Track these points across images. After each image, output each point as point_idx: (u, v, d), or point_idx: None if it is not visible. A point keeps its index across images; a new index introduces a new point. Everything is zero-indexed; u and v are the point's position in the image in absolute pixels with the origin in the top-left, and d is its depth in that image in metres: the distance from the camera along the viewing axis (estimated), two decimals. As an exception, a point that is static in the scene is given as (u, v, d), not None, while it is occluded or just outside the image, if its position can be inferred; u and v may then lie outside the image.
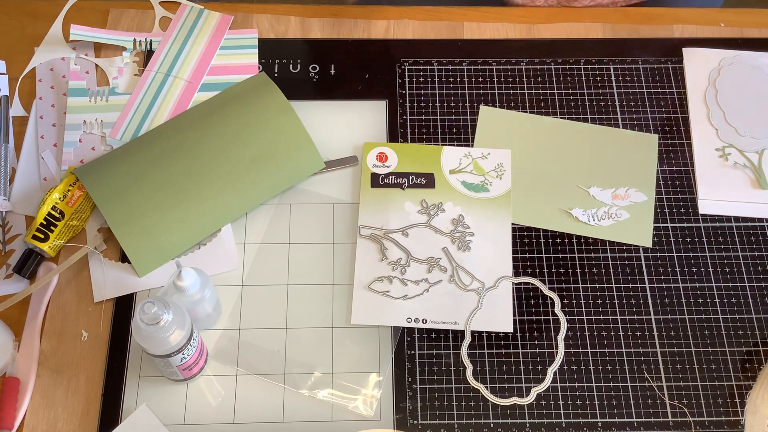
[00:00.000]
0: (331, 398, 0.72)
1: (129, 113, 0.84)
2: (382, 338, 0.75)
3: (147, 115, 0.84)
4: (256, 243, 0.79)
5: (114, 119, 0.84)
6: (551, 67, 0.89)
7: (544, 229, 0.80)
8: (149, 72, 0.86)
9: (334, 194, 0.81)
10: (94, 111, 0.85)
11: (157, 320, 0.63)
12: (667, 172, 0.83)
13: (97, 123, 0.84)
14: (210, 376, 0.73)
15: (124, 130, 0.83)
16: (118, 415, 0.71)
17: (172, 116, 0.84)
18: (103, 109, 0.85)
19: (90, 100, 0.85)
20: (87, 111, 0.85)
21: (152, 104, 0.85)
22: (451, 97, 0.87)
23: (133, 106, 0.85)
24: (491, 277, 0.77)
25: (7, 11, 0.92)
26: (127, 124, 0.84)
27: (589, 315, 0.76)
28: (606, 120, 0.86)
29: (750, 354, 0.75)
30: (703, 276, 0.78)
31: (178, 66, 0.87)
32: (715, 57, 0.89)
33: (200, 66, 0.87)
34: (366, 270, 0.77)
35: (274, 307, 0.76)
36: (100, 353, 0.74)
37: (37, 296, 0.76)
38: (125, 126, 0.83)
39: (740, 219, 0.81)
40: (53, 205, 0.77)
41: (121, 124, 0.84)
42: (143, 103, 0.85)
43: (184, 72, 0.87)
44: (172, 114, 0.84)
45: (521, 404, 0.72)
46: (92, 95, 0.85)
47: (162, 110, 0.84)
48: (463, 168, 0.82)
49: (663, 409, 0.72)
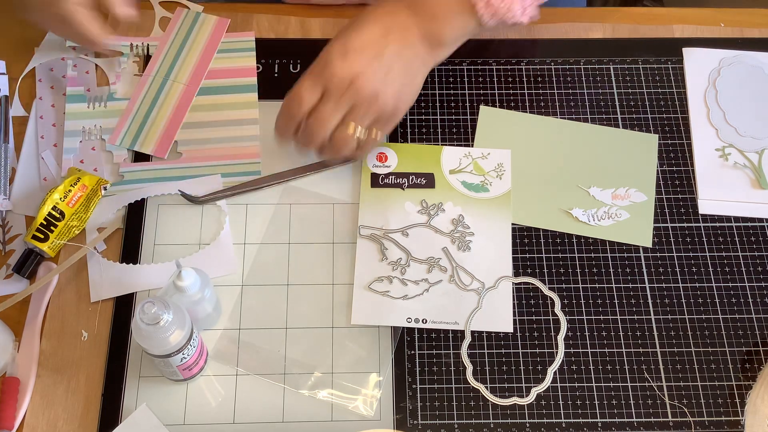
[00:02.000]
0: (331, 398, 0.72)
1: (128, 118, 0.84)
2: (382, 338, 0.75)
3: (146, 119, 0.84)
4: (256, 243, 0.79)
5: (113, 125, 0.84)
6: (551, 67, 0.89)
7: (544, 229, 0.80)
8: (147, 76, 0.86)
9: (334, 194, 0.81)
10: (92, 117, 0.85)
11: (157, 320, 0.63)
12: (667, 172, 0.83)
13: (96, 129, 0.84)
14: (210, 376, 0.73)
15: (124, 135, 0.83)
16: (118, 415, 0.71)
17: (170, 121, 0.84)
18: (101, 115, 0.85)
19: (89, 107, 0.85)
20: (86, 117, 0.85)
21: (151, 109, 0.85)
22: (451, 97, 0.87)
23: (132, 111, 0.85)
24: (491, 277, 0.77)
25: (7, 11, 0.92)
26: (127, 129, 0.84)
27: (589, 315, 0.76)
28: (606, 120, 0.86)
29: (750, 354, 0.75)
30: (703, 276, 0.78)
31: (176, 70, 0.87)
32: (715, 57, 0.89)
33: (198, 70, 0.87)
34: (366, 270, 0.77)
35: (274, 307, 0.76)
36: (100, 353, 0.74)
37: (37, 296, 0.76)
38: (124, 131, 0.83)
39: (740, 219, 0.81)
40: (54, 205, 0.77)
41: (120, 129, 0.84)
42: (142, 107, 0.85)
43: (183, 76, 0.86)
44: (170, 118, 0.84)
45: (521, 404, 0.72)
46: (90, 101, 0.85)
47: (161, 115, 0.84)
48: (463, 168, 0.82)
49: (663, 409, 0.72)
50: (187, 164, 0.82)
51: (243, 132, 0.84)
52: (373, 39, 0.73)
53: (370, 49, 0.73)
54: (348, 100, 0.73)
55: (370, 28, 0.74)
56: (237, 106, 0.86)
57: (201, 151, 0.83)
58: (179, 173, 0.82)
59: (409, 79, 0.76)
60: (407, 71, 0.75)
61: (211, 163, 0.82)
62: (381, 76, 0.73)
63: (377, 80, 0.73)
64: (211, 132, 0.84)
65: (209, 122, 0.85)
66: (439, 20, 0.75)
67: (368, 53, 0.73)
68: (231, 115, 0.85)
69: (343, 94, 0.72)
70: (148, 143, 0.83)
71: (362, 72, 0.72)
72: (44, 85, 0.87)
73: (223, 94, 0.86)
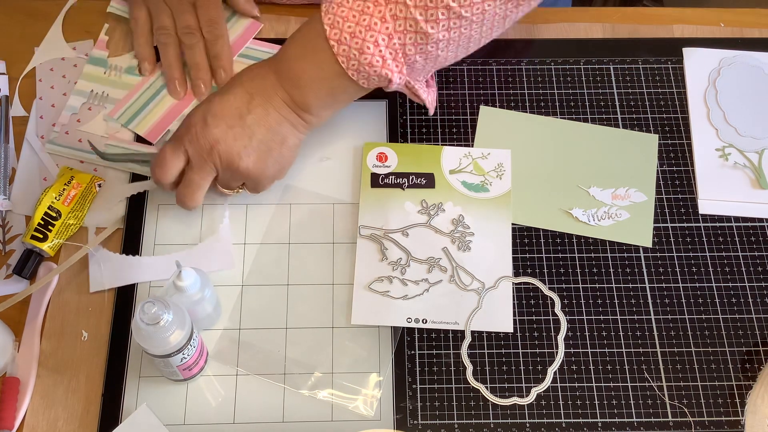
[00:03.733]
0: (331, 398, 0.72)
1: (133, 96, 0.85)
2: (382, 338, 0.75)
3: (149, 102, 0.85)
4: (256, 243, 0.79)
5: (120, 96, 0.85)
6: (551, 67, 0.89)
7: (544, 229, 0.80)
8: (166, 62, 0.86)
9: (334, 194, 0.81)
10: (105, 83, 0.86)
11: (157, 320, 0.63)
12: (667, 172, 0.83)
13: (103, 96, 0.85)
14: (210, 376, 0.73)
15: (123, 111, 0.84)
16: (118, 415, 0.71)
17: (170, 109, 0.84)
18: (113, 84, 0.86)
19: (105, 73, 0.87)
20: (99, 82, 0.86)
21: (157, 93, 0.85)
22: (451, 97, 0.87)
23: (139, 90, 0.85)
24: (491, 277, 0.77)
25: (7, 11, 0.92)
26: (128, 106, 0.84)
27: (589, 315, 0.76)
28: (606, 120, 0.86)
29: (750, 354, 0.75)
30: (703, 276, 0.78)
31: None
32: (715, 57, 0.89)
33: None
34: (366, 270, 0.77)
35: (274, 307, 0.76)
36: (100, 353, 0.74)
37: (37, 296, 0.76)
38: (125, 107, 0.84)
39: (740, 219, 0.81)
40: (50, 205, 0.77)
41: (122, 104, 0.85)
42: (149, 89, 0.85)
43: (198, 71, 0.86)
44: (171, 107, 0.84)
45: (521, 404, 0.72)
46: (110, 68, 0.87)
47: (164, 102, 0.85)
48: (463, 168, 0.82)
49: (663, 409, 0.72)
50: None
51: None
52: (236, 105, 0.72)
53: (231, 115, 0.71)
54: (211, 167, 0.73)
55: (234, 94, 0.72)
56: None
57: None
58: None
59: (275, 144, 0.73)
60: (273, 137, 0.73)
61: None
62: (243, 143, 0.71)
63: (238, 147, 0.71)
64: None
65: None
66: (302, 87, 0.72)
67: (229, 120, 0.71)
68: None
69: (206, 161, 0.72)
70: (143, 126, 0.84)
71: (222, 139, 0.71)
72: (44, 85, 0.87)
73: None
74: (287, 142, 0.74)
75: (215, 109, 0.72)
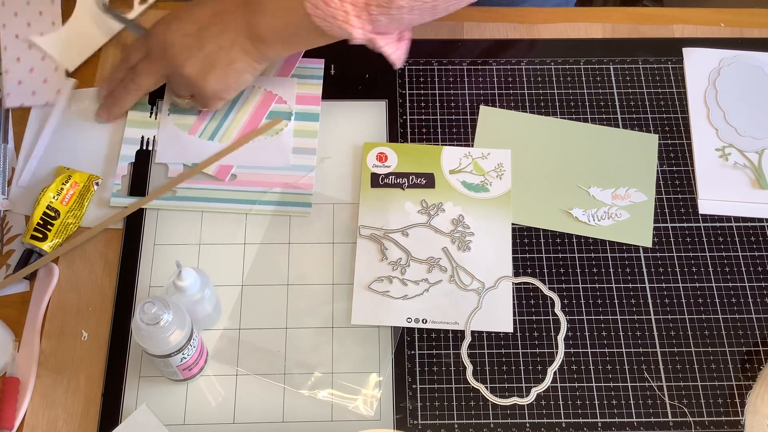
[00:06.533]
0: (331, 398, 0.72)
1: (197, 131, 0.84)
2: (382, 338, 0.75)
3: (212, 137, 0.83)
4: (256, 243, 0.79)
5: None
6: (551, 67, 0.89)
7: (544, 229, 0.80)
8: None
9: (334, 194, 0.81)
10: (151, 126, 0.84)
11: (157, 320, 0.63)
12: (667, 172, 0.83)
13: (153, 141, 0.83)
14: (210, 376, 0.73)
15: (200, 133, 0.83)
16: (118, 415, 0.71)
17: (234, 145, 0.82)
18: (157, 126, 0.84)
19: (150, 116, 0.85)
20: (145, 126, 0.84)
21: (217, 130, 0.84)
22: (451, 97, 0.87)
23: (198, 129, 0.84)
24: (491, 277, 0.77)
25: (7, 11, 0.92)
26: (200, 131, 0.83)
27: (589, 315, 0.76)
28: (606, 120, 0.86)
29: (750, 354, 0.75)
30: (703, 276, 0.78)
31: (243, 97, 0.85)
32: (715, 57, 0.89)
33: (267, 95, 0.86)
34: (366, 270, 0.77)
35: (274, 307, 0.76)
36: (100, 353, 0.74)
37: (37, 296, 0.76)
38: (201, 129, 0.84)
39: (740, 219, 0.81)
40: (48, 204, 0.77)
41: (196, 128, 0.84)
42: (209, 127, 0.84)
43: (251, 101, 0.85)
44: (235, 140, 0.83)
45: (521, 404, 0.72)
46: (154, 110, 0.85)
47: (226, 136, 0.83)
48: (463, 168, 0.82)
49: (663, 409, 0.72)
50: (240, 187, 0.81)
51: (299, 161, 0.82)
52: (199, 18, 0.76)
53: (190, 25, 0.76)
54: (162, 67, 0.78)
55: (201, 8, 0.77)
56: (297, 134, 0.84)
57: (256, 176, 0.81)
58: (230, 195, 0.80)
59: (222, 62, 0.76)
60: (221, 56, 0.76)
61: (263, 189, 0.80)
62: (192, 52, 0.76)
63: (186, 54, 0.76)
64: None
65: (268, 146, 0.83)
66: (262, 13, 0.74)
67: (187, 28, 0.76)
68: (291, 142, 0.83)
69: (157, 60, 0.78)
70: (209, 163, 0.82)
71: (176, 43, 0.76)
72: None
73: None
74: (234, 64, 0.77)
75: (181, 15, 0.77)
